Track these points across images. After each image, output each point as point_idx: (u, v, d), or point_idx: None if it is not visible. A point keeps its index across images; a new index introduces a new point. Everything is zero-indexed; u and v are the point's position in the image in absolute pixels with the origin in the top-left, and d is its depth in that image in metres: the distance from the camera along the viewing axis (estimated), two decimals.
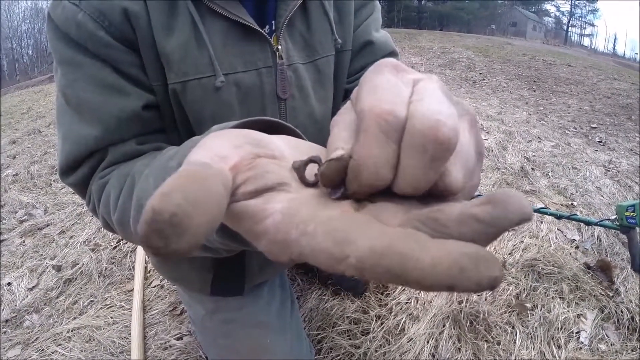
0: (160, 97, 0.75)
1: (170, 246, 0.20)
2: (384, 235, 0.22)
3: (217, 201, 0.23)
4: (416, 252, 0.20)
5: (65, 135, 0.73)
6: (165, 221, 0.20)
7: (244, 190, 0.28)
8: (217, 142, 0.30)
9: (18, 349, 1.65)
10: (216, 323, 1.09)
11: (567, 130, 4.33)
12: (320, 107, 0.88)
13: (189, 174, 0.23)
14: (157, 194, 0.21)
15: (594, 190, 2.76)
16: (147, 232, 0.20)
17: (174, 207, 0.20)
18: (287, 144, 0.35)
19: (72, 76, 0.71)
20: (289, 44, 0.81)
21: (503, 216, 0.21)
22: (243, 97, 0.78)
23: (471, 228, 0.22)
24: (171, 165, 0.49)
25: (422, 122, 0.24)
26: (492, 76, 7.63)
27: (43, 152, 4.13)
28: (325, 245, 0.23)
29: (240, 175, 0.28)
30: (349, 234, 0.23)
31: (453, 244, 0.21)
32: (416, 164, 0.25)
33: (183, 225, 0.20)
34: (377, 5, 0.98)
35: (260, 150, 0.31)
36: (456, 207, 0.23)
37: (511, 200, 0.22)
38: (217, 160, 0.27)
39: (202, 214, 0.21)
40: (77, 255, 2.22)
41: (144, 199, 0.56)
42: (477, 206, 0.22)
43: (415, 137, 0.24)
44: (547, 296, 1.73)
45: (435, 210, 0.24)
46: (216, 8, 0.71)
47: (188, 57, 0.72)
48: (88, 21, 0.68)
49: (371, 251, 0.21)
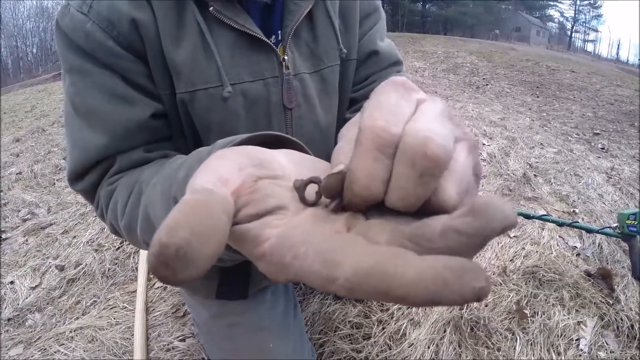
0: (168, 105, 0.76)
1: (177, 276, 0.21)
2: (370, 254, 0.23)
3: (220, 231, 0.24)
4: (400, 269, 0.21)
5: (73, 143, 0.74)
6: (171, 254, 0.21)
7: (245, 213, 0.29)
8: (220, 164, 0.31)
9: (20, 348, 1.66)
10: (220, 326, 1.09)
11: (569, 136, 4.33)
12: (325, 116, 0.88)
13: (194, 206, 0.24)
14: (164, 227, 0.22)
15: (595, 197, 2.76)
16: (155, 264, 0.21)
17: (180, 240, 0.21)
18: (290, 160, 0.36)
19: (81, 85, 0.72)
20: (295, 54, 0.81)
21: (485, 226, 0.22)
22: (250, 106, 0.79)
23: (455, 241, 0.22)
24: (179, 176, 0.49)
25: (412, 138, 0.25)
26: (495, 81, 7.63)
27: (47, 151, 4.14)
28: (316, 267, 0.24)
29: (242, 198, 0.30)
30: (337, 255, 0.23)
31: (437, 258, 0.21)
32: (406, 179, 0.26)
33: (189, 257, 0.21)
34: (382, 15, 0.99)
35: (262, 171, 0.32)
36: (440, 221, 0.24)
37: (492, 208, 0.22)
38: (219, 185, 0.28)
39: (207, 245, 0.22)
40: (80, 255, 2.23)
41: (150, 206, 0.57)
42: (458, 218, 0.23)
43: (406, 153, 0.25)
44: (547, 303, 1.74)
45: (420, 225, 0.25)
46: (224, 19, 0.72)
47: (196, 67, 0.73)
48: (97, 31, 0.69)
49: (357, 271, 0.22)
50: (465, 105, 5.35)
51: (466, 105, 5.30)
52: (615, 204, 2.70)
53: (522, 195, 2.76)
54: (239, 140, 0.42)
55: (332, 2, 0.85)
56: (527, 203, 2.65)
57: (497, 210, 0.22)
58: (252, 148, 0.34)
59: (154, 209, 0.55)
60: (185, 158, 0.55)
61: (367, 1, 0.93)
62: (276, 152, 0.36)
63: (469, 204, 0.23)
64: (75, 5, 0.70)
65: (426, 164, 0.25)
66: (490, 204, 0.22)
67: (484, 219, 0.22)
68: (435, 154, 0.25)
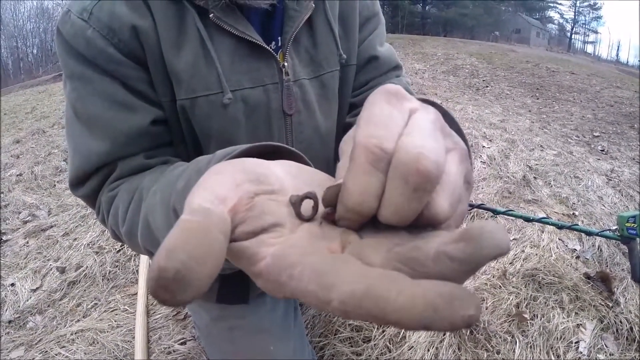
0: (168, 112, 0.76)
1: (176, 298, 0.22)
2: (364, 278, 0.23)
3: (217, 252, 0.24)
4: (393, 294, 0.21)
5: (75, 149, 0.75)
6: (170, 278, 0.22)
7: (242, 230, 0.30)
8: (217, 181, 0.31)
9: (21, 350, 1.66)
10: (221, 329, 1.10)
11: (569, 138, 4.34)
12: (325, 121, 0.88)
13: (191, 228, 0.24)
14: (162, 250, 0.23)
15: (595, 199, 2.77)
16: (155, 287, 0.22)
17: (178, 264, 0.22)
18: (287, 172, 0.36)
19: (82, 91, 0.72)
20: (294, 60, 0.82)
21: (477, 253, 0.22)
22: (250, 113, 0.79)
23: (447, 267, 0.23)
24: (178, 186, 0.50)
25: (405, 154, 0.26)
26: (495, 83, 7.63)
27: (47, 153, 4.14)
28: (311, 289, 0.24)
29: (239, 215, 0.30)
30: (331, 277, 0.24)
31: (429, 284, 0.21)
32: (399, 194, 0.26)
33: (186, 280, 0.22)
34: (382, 20, 0.99)
35: (258, 187, 0.32)
36: (433, 244, 0.24)
37: (485, 235, 0.22)
38: (217, 203, 0.29)
39: (204, 266, 0.23)
40: (81, 258, 2.23)
41: (150, 215, 0.57)
42: (452, 243, 0.23)
43: (399, 169, 0.26)
44: (547, 306, 1.74)
45: (413, 248, 0.25)
46: (224, 25, 0.72)
47: (197, 74, 0.73)
48: (97, 37, 0.69)
49: (351, 295, 0.22)
50: (465, 107, 5.35)
51: (466, 107, 5.30)
52: (615, 206, 2.70)
53: (521, 197, 2.76)
54: (239, 152, 0.42)
55: (332, 7, 0.85)
56: (527, 205, 2.65)
57: (489, 238, 0.22)
58: (250, 162, 0.35)
59: (154, 217, 0.56)
60: (185, 167, 0.56)
61: (366, 6, 0.94)
62: (273, 165, 0.36)
63: (463, 230, 0.23)
64: (76, 11, 0.70)
65: (419, 180, 0.26)
66: (484, 230, 0.22)
67: (477, 246, 0.22)
68: (427, 170, 0.25)
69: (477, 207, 2.07)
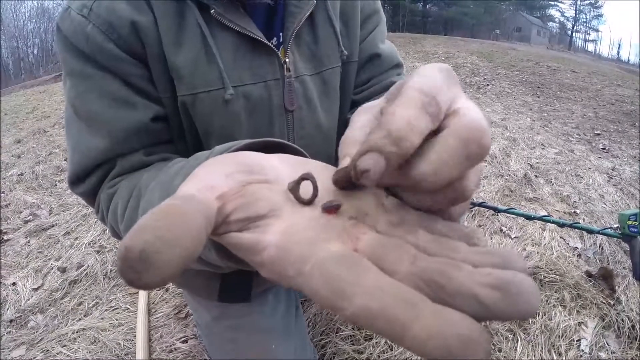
0: (169, 108, 0.76)
1: (142, 279, 0.21)
2: (381, 293, 0.22)
3: (193, 235, 0.23)
4: (409, 320, 0.20)
5: (74, 146, 0.75)
6: (135, 257, 0.21)
7: (236, 217, 0.29)
8: (207, 172, 0.31)
9: (23, 349, 1.66)
10: (222, 328, 1.09)
11: (570, 136, 4.33)
12: (326, 117, 0.88)
13: (165, 210, 0.24)
14: (131, 230, 0.22)
15: (596, 197, 2.76)
16: (121, 266, 0.21)
17: (144, 243, 0.21)
18: (285, 163, 0.36)
19: (81, 88, 0.72)
20: (296, 56, 0.82)
21: (507, 310, 0.21)
22: (251, 109, 0.79)
23: (473, 308, 0.22)
24: (175, 184, 0.50)
25: (472, 122, 0.25)
26: (496, 82, 7.62)
27: (48, 153, 4.14)
28: (322, 292, 0.24)
29: (230, 203, 0.29)
30: (346, 286, 0.23)
31: (449, 316, 0.21)
32: (451, 154, 0.25)
33: (151, 261, 0.21)
34: (383, 17, 0.99)
35: (251, 177, 0.32)
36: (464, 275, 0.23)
37: (523, 297, 0.21)
38: (204, 190, 0.28)
39: (173, 248, 0.22)
40: (82, 257, 2.23)
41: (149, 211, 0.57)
42: (486, 287, 0.22)
43: (461, 132, 0.25)
44: (548, 304, 1.74)
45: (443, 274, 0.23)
46: (225, 22, 0.72)
47: (198, 70, 0.73)
48: (97, 34, 0.69)
49: (366, 310, 0.22)
50: None
51: None
52: (616, 204, 2.70)
53: (523, 196, 2.76)
54: (238, 147, 0.42)
55: (333, 4, 0.85)
56: (528, 204, 2.65)
57: (526, 301, 0.21)
58: (243, 154, 0.34)
59: None
60: (184, 163, 0.56)
61: (367, 4, 0.94)
62: (270, 157, 0.36)
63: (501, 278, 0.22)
64: (76, 8, 0.70)
65: (478, 150, 0.25)
66: (522, 290, 0.21)
67: (511, 303, 0.21)
68: (487, 145, 0.25)
69: (478, 205, 2.07)
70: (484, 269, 0.23)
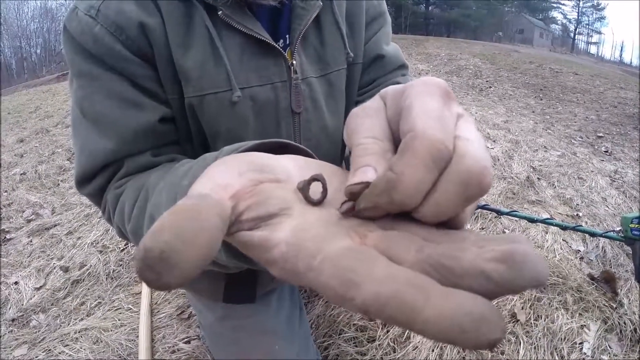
0: (176, 109, 0.76)
1: (162, 280, 0.22)
2: (391, 280, 0.22)
3: (209, 235, 0.24)
4: (420, 303, 0.20)
5: (81, 147, 0.74)
6: (155, 257, 0.21)
7: (248, 216, 0.29)
8: (220, 170, 0.31)
9: (24, 348, 1.66)
10: (226, 329, 1.10)
11: (573, 139, 4.33)
12: (332, 119, 0.89)
13: (182, 210, 0.24)
14: (149, 231, 0.22)
15: (599, 200, 2.76)
16: (140, 267, 0.22)
17: (163, 244, 0.22)
18: (295, 164, 0.36)
19: (89, 89, 0.72)
20: (302, 58, 0.82)
21: (517, 280, 0.21)
22: (258, 111, 0.79)
23: (482, 285, 0.22)
24: (183, 184, 0.50)
25: (472, 163, 0.25)
26: (498, 84, 7.61)
27: (51, 152, 4.15)
28: (332, 284, 0.24)
29: (242, 202, 0.29)
30: (355, 275, 0.23)
31: (459, 298, 0.21)
32: (451, 197, 0.26)
33: (172, 261, 0.21)
34: (388, 19, 0.99)
35: (263, 175, 0.32)
36: (470, 255, 0.23)
37: (528, 264, 0.21)
38: (217, 189, 0.29)
39: (192, 248, 0.22)
40: (84, 257, 2.24)
41: (156, 213, 0.57)
42: (492, 262, 0.22)
43: (461, 174, 0.25)
44: (551, 307, 1.74)
45: (450, 257, 0.23)
46: (233, 23, 0.72)
47: (205, 72, 0.73)
48: (105, 35, 0.69)
49: (376, 297, 0.22)
50: (469, 108, 5.34)
51: (470, 108, 5.30)
52: (619, 207, 2.69)
53: (525, 198, 2.76)
54: (246, 147, 0.42)
55: (339, 5, 0.85)
56: (531, 206, 2.65)
57: (532, 267, 0.21)
58: (255, 154, 0.35)
59: (160, 215, 0.55)
60: (191, 164, 0.55)
61: (373, 5, 0.94)
62: (280, 157, 0.36)
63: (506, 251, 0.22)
64: (83, 8, 0.70)
65: (478, 192, 0.26)
66: (527, 258, 0.22)
67: (518, 273, 0.21)
68: (487, 186, 0.26)
69: (481, 207, 2.06)
70: (489, 246, 0.23)
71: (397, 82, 0.93)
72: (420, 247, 0.25)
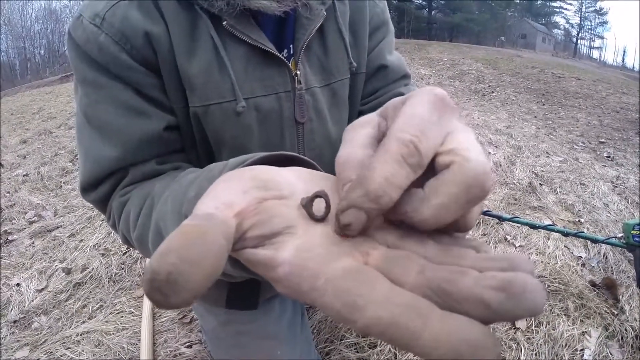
0: (180, 118, 0.76)
1: (170, 301, 0.22)
2: (391, 304, 0.23)
3: (215, 255, 0.24)
4: (419, 328, 0.21)
5: (86, 154, 0.74)
6: (162, 280, 0.22)
7: (252, 234, 0.30)
8: (225, 188, 0.31)
9: (26, 350, 1.67)
10: (228, 334, 1.10)
11: (575, 145, 4.33)
12: (336, 129, 0.88)
13: (188, 231, 0.25)
14: (156, 253, 0.23)
15: (601, 206, 2.76)
16: (148, 289, 0.22)
17: (170, 266, 0.22)
18: (298, 178, 0.36)
19: (93, 97, 0.72)
20: (306, 68, 0.82)
21: (514, 311, 0.22)
22: (262, 120, 0.79)
23: (480, 312, 0.22)
24: (189, 195, 0.50)
25: (475, 167, 0.26)
26: (501, 89, 7.62)
27: (54, 154, 4.16)
28: (335, 305, 0.24)
29: (247, 220, 0.30)
30: (357, 298, 0.24)
31: (457, 323, 0.21)
32: (453, 199, 0.26)
33: (179, 283, 0.22)
34: (391, 28, 0.99)
35: (267, 193, 0.32)
36: (470, 280, 0.23)
37: (527, 295, 0.22)
38: (222, 208, 0.29)
39: (198, 269, 0.23)
40: (86, 259, 2.24)
41: (161, 221, 0.57)
42: (491, 290, 0.22)
43: (464, 178, 0.26)
44: (552, 313, 1.74)
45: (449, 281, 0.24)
46: (237, 34, 0.72)
47: (210, 81, 0.73)
48: (110, 43, 0.69)
49: (377, 321, 0.22)
50: (471, 113, 5.34)
51: (472, 113, 5.30)
52: (621, 213, 2.70)
53: (527, 204, 2.76)
54: (251, 161, 0.43)
55: (343, 15, 0.85)
56: (533, 212, 2.65)
57: (530, 299, 0.22)
58: (259, 169, 0.35)
59: (166, 225, 0.55)
60: (197, 174, 0.55)
61: (376, 15, 0.94)
62: (285, 171, 0.36)
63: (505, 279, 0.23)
64: (88, 17, 0.70)
65: (480, 194, 0.26)
66: (527, 289, 0.22)
67: (516, 303, 0.22)
68: (489, 189, 0.26)
69: (483, 213, 2.07)
70: (489, 273, 0.24)
71: (400, 92, 0.93)
72: (421, 268, 0.26)
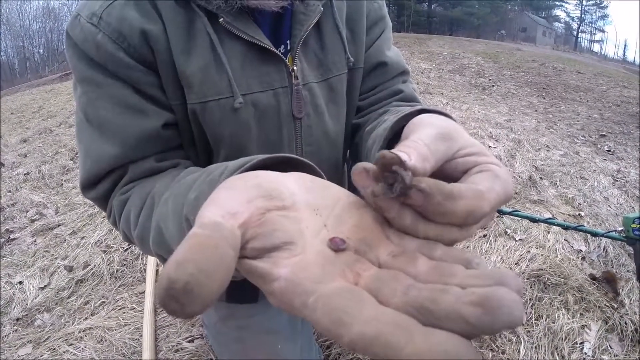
0: (179, 115, 0.76)
1: (185, 310, 0.23)
2: (375, 321, 0.24)
3: (227, 265, 0.26)
4: (402, 343, 0.23)
5: (86, 152, 0.75)
6: (179, 289, 0.23)
7: (253, 246, 0.31)
8: (229, 196, 0.33)
9: (29, 348, 1.68)
10: (229, 329, 1.11)
11: (575, 138, 4.33)
12: (333, 124, 0.89)
13: (203, 242, 0.26)
14: (172, 262, 0.24)
15: (601, 200, 2.76)
16: (164, 298, 0.23)
17: (187, 276, 0.23)
18: (300, 186, 0.38)
19: (92, 95, 0.73)
20: (303, 63, 0.82)
21: (490, 325, 0.23)
22: (260, 116, 0.79)
23: (460, 327, 0.24)
24: (190, 197, 0.50)
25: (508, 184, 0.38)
26: (501, 82, 7.60)
27: (54, 152, 4.16)
28: (323, 321, 0.26)
29: (250, 231, 0.31)
30: (344, 315, 0.25)
31: (438, 338, 0.23)
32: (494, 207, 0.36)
33: (195, 293, 0.23)
34: (389, 23, 0.98)
35: (270, 203, 0.34)
36: (451, 298, 0.25)
37: (503, 310, 0.23)
38: (227, 217, 0.30)
39: (212, 279, 0.24)
40: (88, 256, 2.25)
41: (162, 221, 0.58)
42: (470, 306, 0.24)
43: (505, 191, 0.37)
44: (552, 307, 1.74)
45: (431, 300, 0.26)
46: (234, 30, 0.72)
47: (207, 78, 0.73)
48: (107, 42, 0.69)
49: (362, 337, 0.24)
50: (472, 106, 5.33)
51: (472, 107, 5.29)
52: (621, 206, 2.70)
53: (527, 198, 2.76)
54: (251, 165, 0.44)
55: (339, 10, 0.85)
56: (533, 206, 2.65)
57: (506, 313, 0.23)
58: (262, 177, 0.36)
59: (166, 225, 0.56)
60: (197, 175, 0.56)
61: (373, 10, 0.94)
62: (287, 178, 0.37)
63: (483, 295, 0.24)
64: (86, 16, 0.70)
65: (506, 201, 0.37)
66: (503, 304, 0.24)
67: (492, 318, 0.23)
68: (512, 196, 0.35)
69: None
70: (470, 289, 0.26)
71: (398, 89, 0.93)
72: (406, 288, 0.28)
